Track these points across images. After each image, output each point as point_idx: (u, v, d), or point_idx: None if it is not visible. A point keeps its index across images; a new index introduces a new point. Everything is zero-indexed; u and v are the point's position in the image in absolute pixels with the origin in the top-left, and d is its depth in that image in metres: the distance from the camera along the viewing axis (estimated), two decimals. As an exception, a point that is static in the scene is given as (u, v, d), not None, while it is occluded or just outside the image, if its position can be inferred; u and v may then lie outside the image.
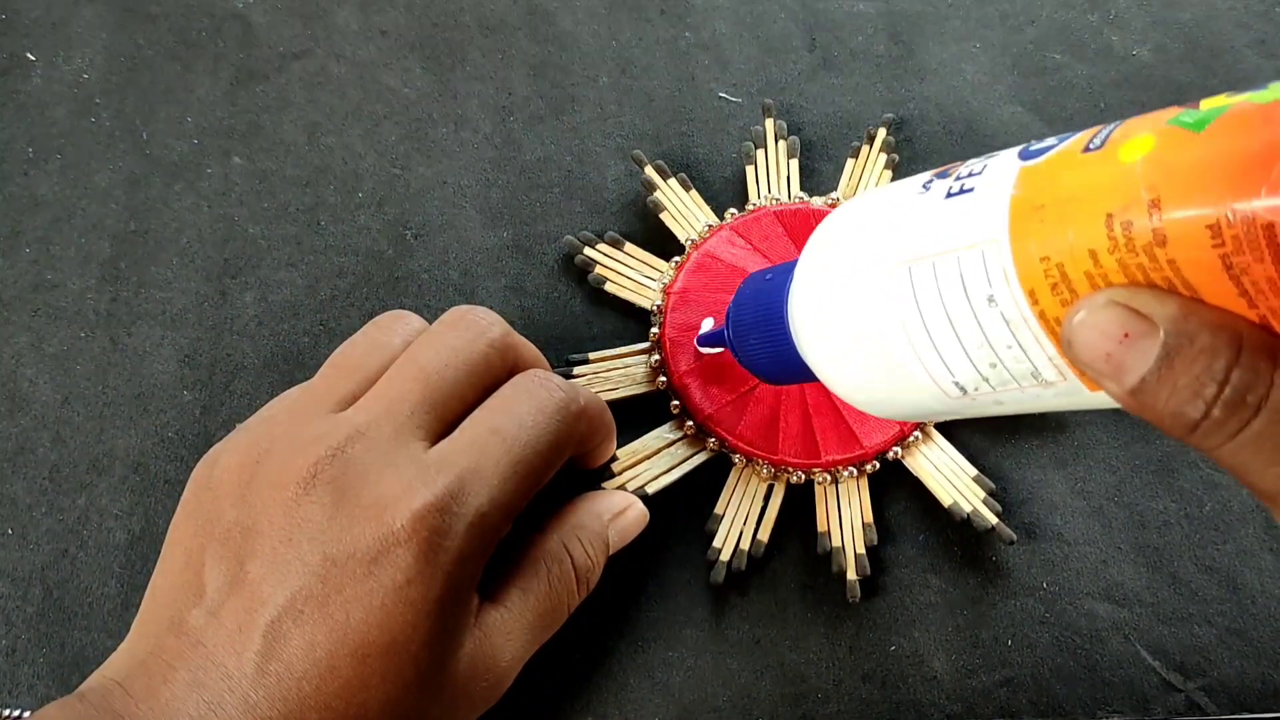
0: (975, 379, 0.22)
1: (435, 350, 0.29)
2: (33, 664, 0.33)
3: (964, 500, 0.34)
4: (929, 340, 0.22)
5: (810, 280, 0.26)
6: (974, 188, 0.22)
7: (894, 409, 0.25)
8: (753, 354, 0.29)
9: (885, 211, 0.24)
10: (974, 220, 0.21)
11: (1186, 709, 0.33)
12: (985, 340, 0.21)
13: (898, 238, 0.23)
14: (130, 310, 0.36)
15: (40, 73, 0.39)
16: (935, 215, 0.22)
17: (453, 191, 0.38)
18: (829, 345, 0.25)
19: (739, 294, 0.30)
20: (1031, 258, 0.20)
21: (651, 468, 0.35)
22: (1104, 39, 0.41)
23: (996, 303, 0.21)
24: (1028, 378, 0.22)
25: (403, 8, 0.40)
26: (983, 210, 0.21)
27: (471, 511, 0.26)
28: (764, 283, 0.29)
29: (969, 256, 0.21)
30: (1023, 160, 0.21)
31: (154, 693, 0.24)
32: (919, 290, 0.22)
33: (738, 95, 0.40)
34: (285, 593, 0.25)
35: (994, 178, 0.21)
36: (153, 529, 0.34)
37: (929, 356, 0.23)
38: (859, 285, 0.24)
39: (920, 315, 0.22)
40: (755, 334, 0.29)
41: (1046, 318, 0.20)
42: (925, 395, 0.24)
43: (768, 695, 0.33)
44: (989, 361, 0.22)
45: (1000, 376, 0.22)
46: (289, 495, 0.26)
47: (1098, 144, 0.20)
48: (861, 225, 0.25)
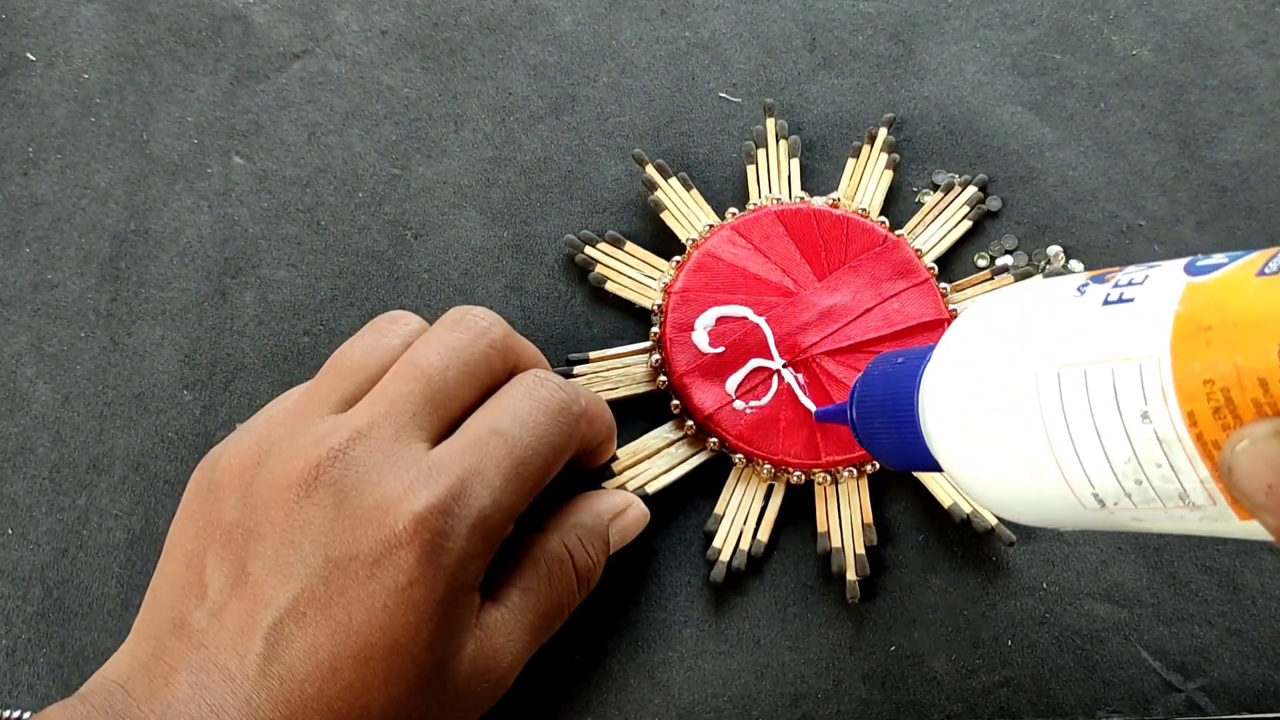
0: (1117, 493, 0.21)
1: (436, 351, 0.29)
2: (33, 664, 0.33)
3: (964, 501, 0.34)
4: (1072, 449, 0.22)
5: (949, 373, 0.25)
6: (1134, 298, 0.21)
7: (1028, 515, 0.24)
8: (876, 437, 0.28)
9: (1036, 310, 0.23)
10: (1134, 333, 0.20)
11: (1186, 709, 0.33)
12: (1134, 455, 0.21)
13: (1048, 339, 0.22)
14: (130, 310, 0.36)
15: (40, 73, 0.39)
16: (1091, 322, 0.22)
17: (453, 191, 0.38)
18: (962, 441, 0.24)
19: (868, 372, 0.29)
20: (1194, 379, 0.19)
21: (652, 467, 0.35)
22: (1104, 39, 0.41)
23: (1151, 420, 0.20)
24: (1174, 499, 0.21)
25: (403, 8, 0.40)
26: (1144, 324, 0.20)
27: (473, 513, 0.26)
28: (895, 366, 0.28)
29: (1125, 369, 0.20)
30: (1189, 275, 0.20)
31: (156, 694, 0.24)
32: (1067, 397, 0.21)
33: (738, 95, 0.40)
34: (287, 595, 0.25)
35: (1157, 291, 0.21)
36: (153, 529, 0.34)
37: (1070, 466, 0.22)
38: (1002, 386, 0.23)
39: (1066, 423, 0.22)
40: (881, 418, 0.28)
41: (1204, 440, 0.19)
42: (1061, 504, 0.23)
43: (768, 695, 0.33)
44: (1135, 478, 0.21)
45: (1144, 494, 0.21)
46: (291, 497, 0.26)
47: (1274, 269, 0.19)
48: (1009, 322, 0.24)
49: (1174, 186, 0.39)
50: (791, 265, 0.36)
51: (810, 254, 0.36)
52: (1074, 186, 0.39)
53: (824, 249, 0.36)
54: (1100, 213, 0.39)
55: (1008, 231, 0.38)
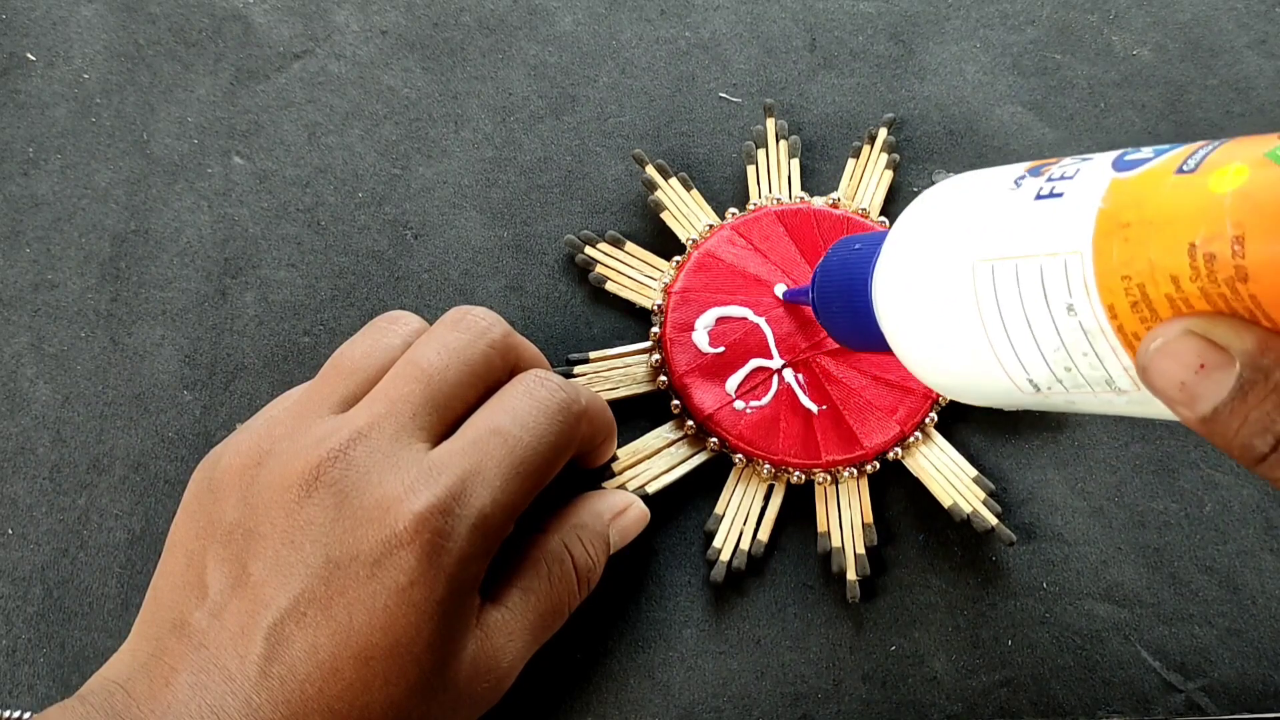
0: (1049, 379, 0.23)
1: (436, 351, 0.29)
2: (33, 664, 0.33)
3: (964, 501, 0.34)
4: (1006, 338, 0.23)
5: (896, 262, 0.26)
6: (1064, 193, 0.22)
7: (968, 395, 0.26)
8: (834, 319, 0.30)
9: (975, 203, 0.24)
10: (1060, 228, 0.21)
11: (1187, 709, 0.33)
12: (1062, 345, 0.22)
13: (984, 233, 0.23)
14: (130, 310, 0.36)
15: (40, 73, 0.39)
16: (1023, 216, 0.22)
17: (453, 191, 0.38)
18: (909, 326, 0.26)
19: (827, 257, 0.30)
20: (1113, 274, 0.20)
21: (652, 467, 0.35)
22: (1104, 39, 0.41)
23: (1076, 312, 0.21)
24: (1102, 384, 0.22)
25: (403, 8, 0.40)
26: (1069, 219, 0.21)
27: (474, 513, 0.26)
28: (852, 252, 0.29)
29: (1052, 264, 0.21)
30: (1116, 171, 0.21)
31: (156, 695, 0.24)
32: (1000, 289, 0.22)
33: (738, 95, 0.40)
34: (288, 595, 0.25)
35: (1085, 185, 0.21)
36: (153, 529, 0.34)
37: (1005, 353, 0.23)
38: (942, 275, 0.24)
39: (1000, 313, 0.23)
40: (838, 301, 0.29)
41: (1125, 332, 0.20)
42: (999, 387, 0.24)
43: (768, 695, 0.33)
44: (1064, 365, 0.22)
45: (1074, 380, 0.22)
46: (291, 497, 0.26)
47: (1191, 166, 0.19)
48: (950, 213, 0.25)
49: (1174, 186, 0.39)
50: (792, 265, 0.36)
51: (810, 254, 0.36)
52: (1074, 186, 0.39)
53: (824, 249, 0.36)
54: (1100, 213, 0.39)
55: (1008, 231, 0.38)
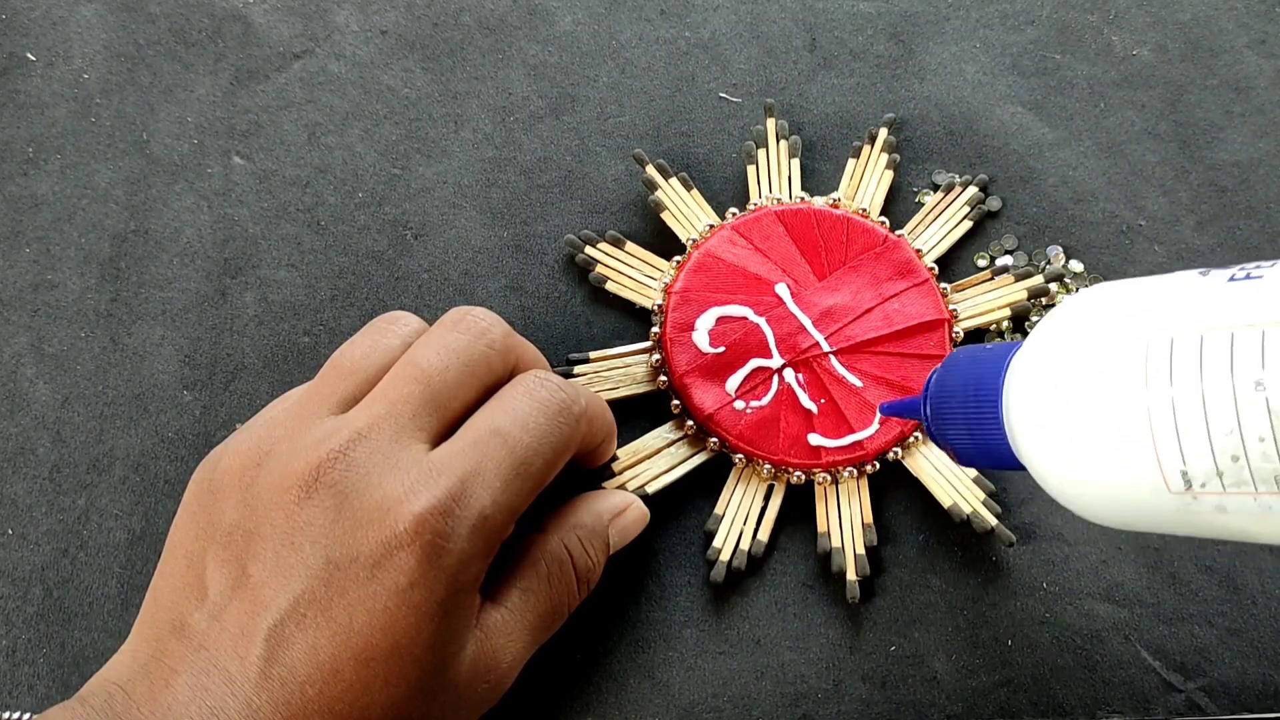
0: (1208, 472, 0.21)
1: (435, 351, 0.29)
2: (33, 664, 0.33)
3: (964, 501, 0.34)
4: (1172, 420, 0.21)
5: (1043, 354, 0.24)
6: (1263, 275, 0.21)
7: (1102, 501, 0.23)
8: (952, 428, 0.27)
9: (1150, 292, 0.23)
10: (1259, 301, 0.20)
11: (1187, 709, 0.33)
12: (1237, 427, 0.20)
13: (1162, 314, 0.22)
14: (130, 310, 0.36)
15: (40, 73, 0.39)
16: (1213, 295, 0.21)
17: (453, 191, 0.38)
18: (1049, 426, 0.24)
19: (947, 362, 0.28)
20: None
21: (652, 467, 0.35)
22: (1104, 39, 0.41)
23: (1264, 388, 0.19)
24: (1269, 481, 0.20)
25: (403, 8, 0.40)
26: (1272, 293, 0.20)
27: (474, 514, 0.26)
28: (983, 353, 0.27)
29: (1246, 335, 0.20)
30: None
31: (156, 696, 0.24)
32: (1177, 364, 0.21)
33: (738, 95, 0.40)
34: (288, 596, 0.25)
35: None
36: (153, 529, 0.34)
37: (1165, 439, 0.21)
38: (1105, 358, 0.22)
39: (1171, 392, 0.21)
40: (960, 406, 0.26)
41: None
42: (1145, 488, 0.22)
43: (768, 695, 0.33)
44: (1232, 454, 0.20)
45: (1237, 475, 0.20)
46: (291, 498, 0.26)
47: None
48: (1119, 303, 0.23)
49: (1174, 186, 0.39)
50: (792, 265, 0.36)
51: (810, 254, 0.36)
52: (1074, 186, 0.39)
53: (824, 249, 0.36)
54: (1100, 213, 0.39)
55: (1008, 232, 0.38)
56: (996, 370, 0.25)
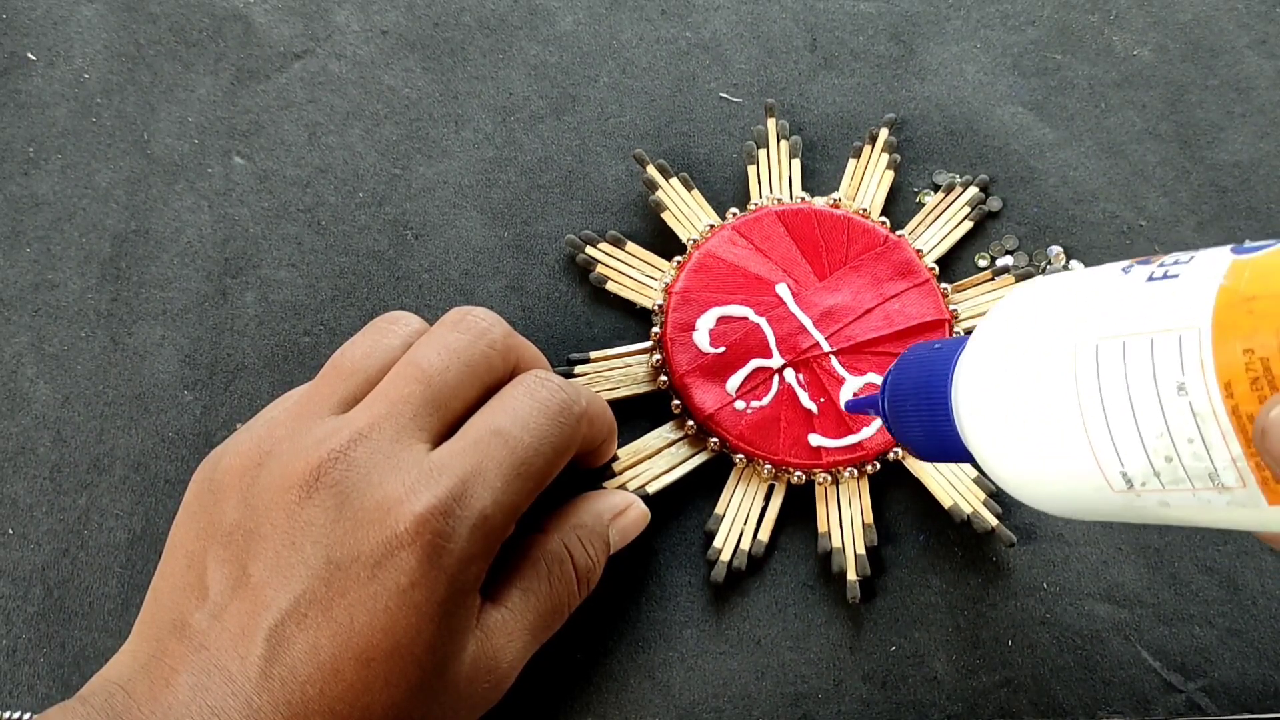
0: (1146, 472, 0.21)
1: (436, 351, 0.29)
2: (33, 664, 0.33)
3: (964, 502, 0.34)
4: (1105, 425, 0.21)
5: (983, 355, 0.25)
6: (1179, 274, 0.21)
7: (1053, 500, 0.24)
8: (907, 425, 0.28)
9: (1077, 291, 0.23)
10: (1175, 305, 0.20)
11: (1187, 709, 0.33)
12: (1166, 430, 0.20)
13: (1087, 316, 0.22)
14: (131, 310, 0.36)
15: (41, 72, 0.39)
16: (1133, 297, 0.21)
17: (453, 191, 0.38)
18: (994, 424, 0.24)
19: (901, 360, 0.29)
20: (1234, 349, 0.19)
21: (652, 467, 0.35)
22: (1104, 39, 0.41)
23: (1186, 392, 0.20)
24: (1204, 479, 0.20)
25: (403, 8, 0.40)
26: (1186, 296, 0.20)
27: (474, 513, 0.26)
28: (931, 352, 0.27)
29: (1164, 340, 0.20)
30: (1235, 255, 0.20)
31: (156, 696, 0.24)
32: (1104, 370, 0.21)
33: (738, 95, 0.40)
34: (288, 596, 0.25)
35: (1202, 267, 0.21)
36: (153, 529, 0.34)
37: (1101, 443, 0.22)
38: (1038, 360, 0.23)
39: (1100, 397, 0.21)
40: (913, 404, 0.27)
41: (1239, 414, 0.19)
42: (1088, 487, 0.22)
43: (768, 695, 0.33)
44: (1165, 454, 0.21)
45: (1173, 474, 0.21)
46: (292, 498, 0.26)
47: None
48: (1049, 303, 0.24)
49: (1174, 187, 0.39)
50: (792, 265, 0.36)
51: (811, 254, 0.36)
52: (1075, 187, 0.39)
53: (825, 249, 0.36)
54: (1101, 213, 0.39)
55: (1008, 232, 0.38)
56: (945, 369, 0.26)
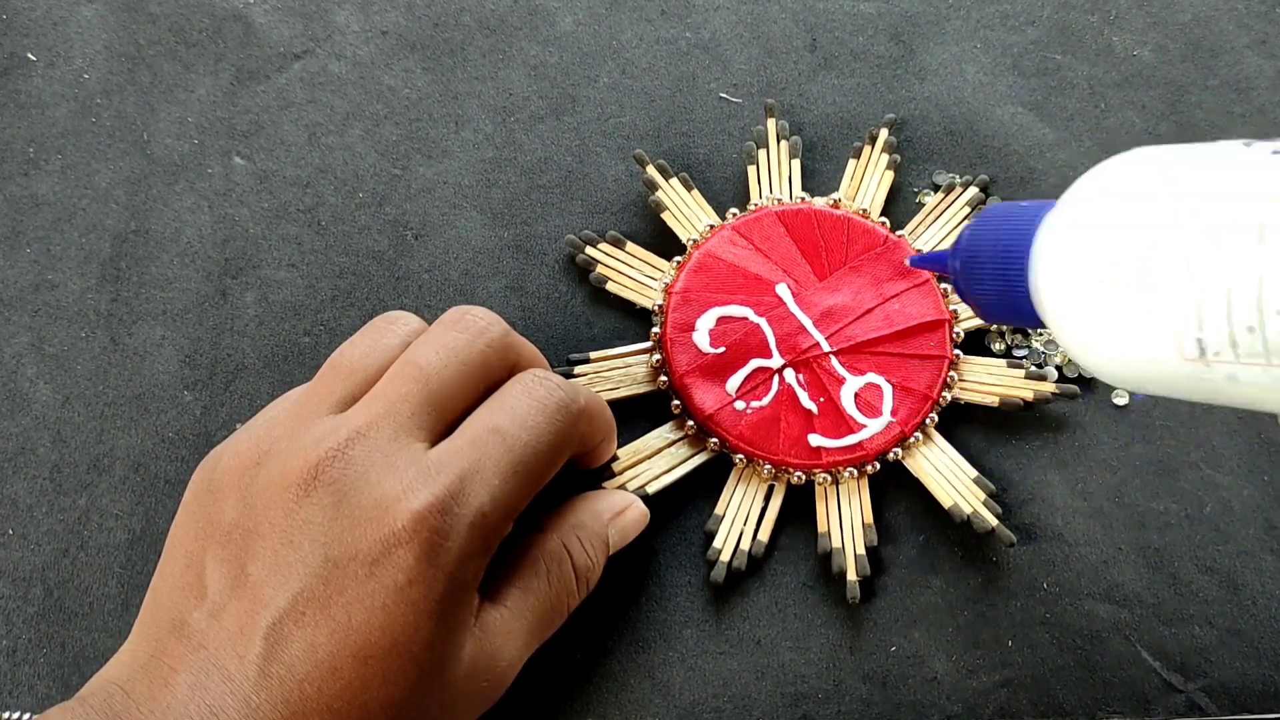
0: (1223, 341, 0.21)
1: (435, 350, 0.29)
2: (33, 664, 0.33)
3: (964, 502, 0.34)
4: (1195, 284, 0.21)
5: (1074, 208, 0.24)
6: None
7: (1116, 363, 0.24)
8: (979, 282, 0.28)
9: (1189, 158, 0.23)
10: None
11: (1187, 710, 0.33)
12: (1258, 297, 0.20)
13: (1199, 181, 0.22)
14: (131, 310, 0.36)
15: (41, 73, 0.39)
16: (1254, 167, 0.21)
17: (453, 191, 0.38)
18: (1073, 282, 0.24)
19: (982, 217, 0.28)
20: None
21: (652, 467, 0.35)
22: (1104, 39, 0.41)
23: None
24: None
25: (403, 8, 0.40)
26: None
27: (472, 512, 0.26)
28: (1016, 209, 0.27)
29: (1277, 212, 0.20)
30: None
31: (155, 696, 0.24)
32: (1207, 230, 0.21)
33: (738, 95, 0.40)
34: (287, 594, 0.25)
35: None
36: (153, 529, 0.34)
37: (1184, 305, 0.21)
38: (1135, 217, 0.22)
39: (1195, 255, 0.21)
40: (990, 261, 0.27)
41: None
42: (1158, 350, 0.22)
43: (768, 695, 0.33)
44: (1248, 324, 0.20)
45: (1251, 346, 0.20)
46: (290, 497, 0.26)
47: None
48: (1156, 168, 0.23)
49: (1175, 187, 0.39)
50: (792, 266, 0.36)
51: (811, 254, 0.36)
52: (1074, 187, 0.39)
53: (825, 249, 0.36)
54: (1101, 213, 0.39)
55: (1008, 232, 0.38)
56: (1028, 230, 0.26)
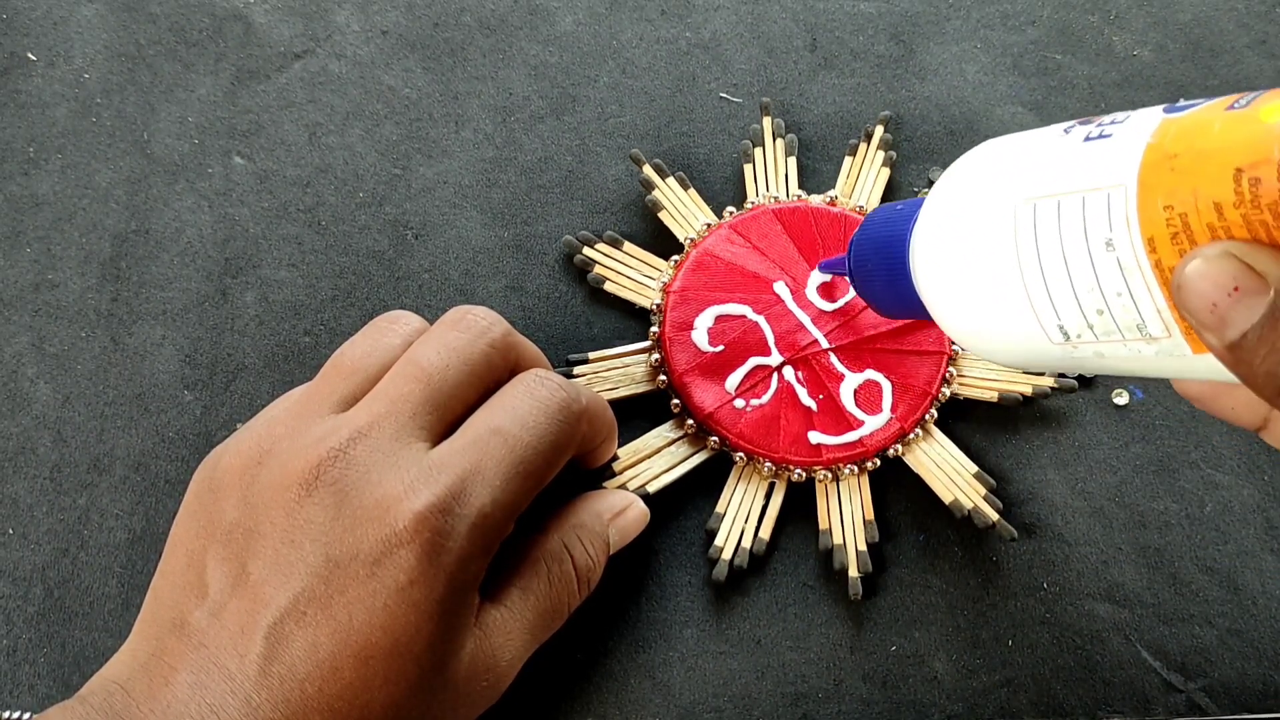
0: (1080, 325, 0.22)
1: (436, 350, 0.29)
2: (33, 664, 0.33)
3: (964, 497, 0.34)
4: (1041, 279, 0.22)
5: (936, 209, 0.26)
6: (1112, 134, 0.22)
7: (997, 351, 0.25)
8: (870, 282, 0.29)
9: (1022, 151, 0.24)
10: (1106, 164, 0.21)
11: (1187, 710, 0.33)
12: (1097, 285, 0.21)
13: (1029, 175, 0.23)
14: (131, 310, 0.36)
15: (41, 72, 0.39)
16: (1069, 157, 0.22)
17: (453, 191, 0.38)
18: (944, 277, 0.25)
19: (866, 220, 0.30)
20: (1156, 205, 0.20)
21: (652, 467, 0.35)
22: (1104, 39, 0.41)
23: (1114, 247, 0.21)
24: (1133, 330, 0.22)
25: (403, 8, 0.40)
26: (1116, 155, 0.21)
27: (474, 512, 0.26)
28: (893, 211, 0.29)
29: (1094, 199, 0.21)
30: (1166, 114, 0.21)
31: (155, 695, 0.24)
32: (1040, 227, 0.22)
33: (738, 95, 0.40)
34: (288, 594, 0.25)
35: (1134, 126, 0.21)
36: (153, 529, 0.34)
37: (1038, 296, 0.23)
38: (982, 218, 0.24)
39: (1037, 253, 0.22)
40: (874, 262, 0.29)
41: (1161, 267, 0.20)
42: (1028, 338, 0.24)
43: (768, 695, 0.33)
44: (1096, 308, 0.22)
45: (1105, 326, 0.22)
46: (291, 496, 0.26)
47: (1243, 104, 0.20)
48: (994, 162, 0.25)
49: (1174, 186, 0.39)
50: (790, 263, 0.36)
51: (808, 252, 0.36)
52: (1074, 186, 0.39)
53: (822, 247, 0.36)
54: (1100, 212, 0.39)
55: (1008, 231, 0.38)
56: (904, 228, 0.27)
